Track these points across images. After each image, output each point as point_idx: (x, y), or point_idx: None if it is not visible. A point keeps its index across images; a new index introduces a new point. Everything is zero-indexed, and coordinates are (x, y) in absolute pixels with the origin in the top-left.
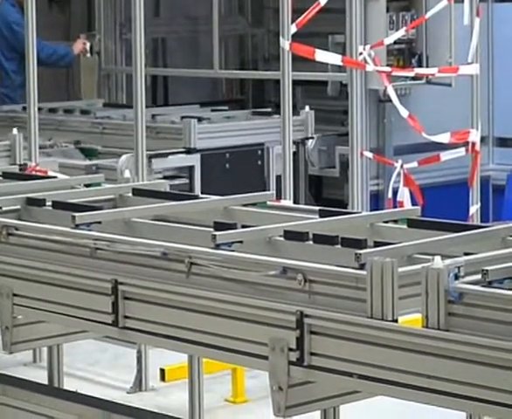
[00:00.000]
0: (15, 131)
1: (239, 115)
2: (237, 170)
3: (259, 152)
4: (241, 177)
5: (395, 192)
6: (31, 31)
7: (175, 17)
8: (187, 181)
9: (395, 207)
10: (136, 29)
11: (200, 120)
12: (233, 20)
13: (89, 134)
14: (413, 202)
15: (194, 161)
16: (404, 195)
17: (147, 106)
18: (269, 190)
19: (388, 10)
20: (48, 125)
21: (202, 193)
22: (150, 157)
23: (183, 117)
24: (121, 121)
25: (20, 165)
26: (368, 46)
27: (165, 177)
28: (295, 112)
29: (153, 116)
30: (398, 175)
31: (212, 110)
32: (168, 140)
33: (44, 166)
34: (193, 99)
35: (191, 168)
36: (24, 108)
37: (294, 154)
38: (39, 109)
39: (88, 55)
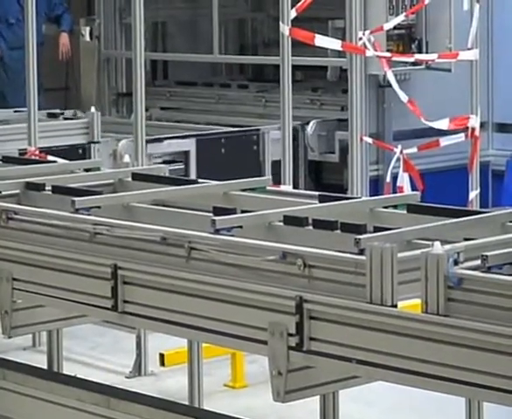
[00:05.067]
0: (93, 109)
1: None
2: (232, 155)
3: (255, 137)
4: (237, 162)
5: (394, 177)
6: (30, 17)
7: (174, 1)
8: (182, 166)
9: (394, 192)
10: (136, 13)
11: None
12: (233, 4)
13: None
14: (413, 188)
15: (189, 145)
16: (403, 180)
17: None
18: (265, 175)
19: None
20: None
21: (198, 178)
22: (146, 142)
23: None
24: None
25: (20, 150)
26: (367, 31)
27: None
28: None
29: None
30: (398, 160)
31: None
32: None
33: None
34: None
35: (187, 153)
36: None
37: (294, 138)
38: None
39: (88, 39)
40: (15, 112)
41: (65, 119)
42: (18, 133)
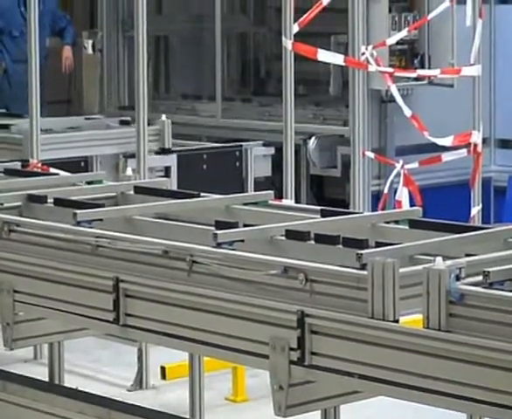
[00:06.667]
0: (164, 117)
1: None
2: (214, 171)
3: (237, 153)
4: (219, 179)
5: (395, 191)
6: (34, 30)
7: (177, 14)
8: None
9: (392, 204)
10: (139, 26)
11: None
12: (236, 18)
13: None
14: (412, 203)
15: (170, 161)
16: (403, 194)
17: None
18: (247, 192)
19: (390, 11)
20: None
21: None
22: (125, 157)
23: None
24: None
25: (22, 161)
26: (370, 47)
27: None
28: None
29: None
30: (398, 175)
31: None
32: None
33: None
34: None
35: (167, 169)
36: None
37: (296, 153)
38: None
39: (90, 52)
40: (86, 119)
41: None
42: (90, 140)
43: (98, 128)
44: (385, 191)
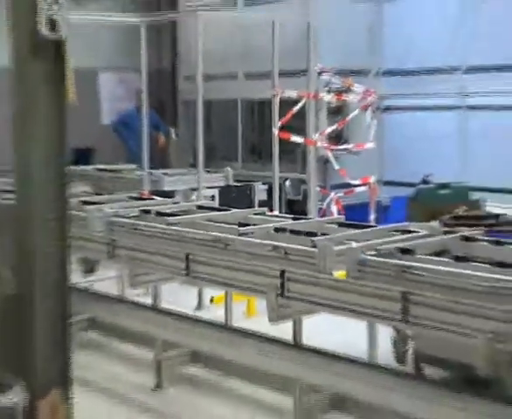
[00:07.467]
0: (229, 168)
1: None
2: (238, 197)
3: (249, 188)
4: (240, 201)
5: (329, 207)
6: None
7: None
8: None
9: (329, 214)
10: (199, 120)
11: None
12: (248, 120)
13: None
14: (339, 214)
15: (214, 192)
16: (333, 210)
17: None
18: (254, 208)
19: (328, 113)
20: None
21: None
22: (192, 189)
23: None
24: None
25: (139, 192)
26: (317, 133)
27: None
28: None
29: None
30: (331, 199)
31: None
32: None
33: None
34: None
35: (213, 196)
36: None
37: (279, 188)
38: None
39: (174, 137)
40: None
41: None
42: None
43: (179, 174)
44: (324, 207)
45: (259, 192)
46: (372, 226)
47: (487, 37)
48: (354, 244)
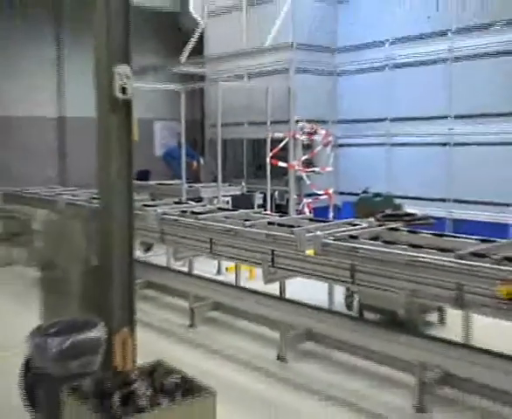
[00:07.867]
0: (243, 183)
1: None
2: (243, 202)
3: (251, 196)
4: (245, 205)
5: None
6: (184, 157)
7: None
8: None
9: (301, 213)
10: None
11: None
12: (252, 148)
13: None
14: (309, 213)
15: (229, 198)
16: (306, 210)
17: None
18: (254, 209)
19: (302, 147)
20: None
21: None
22: (213, 196)
23: None
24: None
25: (179, 197)
26: (296, 160)
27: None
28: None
29: None
30: (304, 204)
31: None
32: None
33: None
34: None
35: (227, 202)
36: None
37: (271, 196)
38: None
39: (202, 163)
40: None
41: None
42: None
43: (206, 187)
44: (300, 208)
45: (258, 199)
46: (331, 221)
47: (405, 99)
48: (319, 232)
